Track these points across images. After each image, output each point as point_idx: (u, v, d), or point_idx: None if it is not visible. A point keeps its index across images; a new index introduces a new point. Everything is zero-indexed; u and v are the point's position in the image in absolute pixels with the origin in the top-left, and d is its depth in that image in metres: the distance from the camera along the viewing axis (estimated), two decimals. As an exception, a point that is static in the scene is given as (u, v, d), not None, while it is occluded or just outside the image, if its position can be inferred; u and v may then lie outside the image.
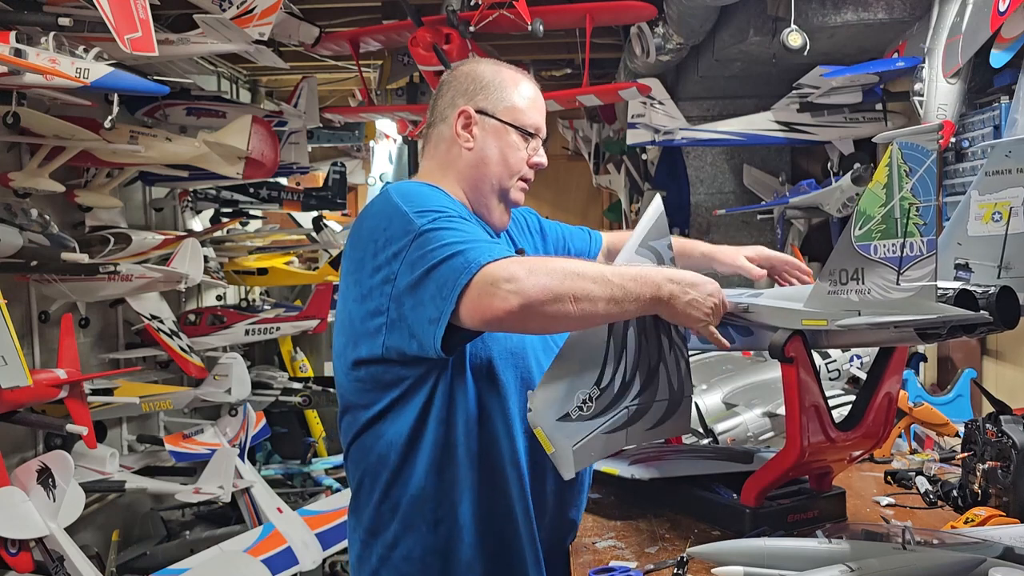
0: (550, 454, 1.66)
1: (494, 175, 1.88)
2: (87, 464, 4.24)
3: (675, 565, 1.74)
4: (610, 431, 1.71)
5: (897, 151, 1.45)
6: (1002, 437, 1.97)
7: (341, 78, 6.83)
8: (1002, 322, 1.53)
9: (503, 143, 1.88)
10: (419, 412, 1.76)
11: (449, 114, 1.89)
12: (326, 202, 6.64)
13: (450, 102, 1.90)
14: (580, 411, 1.68)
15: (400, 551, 1.80)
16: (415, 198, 1.73)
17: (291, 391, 6.30)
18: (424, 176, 1.94)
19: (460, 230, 1.64)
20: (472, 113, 1.87)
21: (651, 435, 1.82)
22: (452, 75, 1.95)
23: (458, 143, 1.88)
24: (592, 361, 1.70)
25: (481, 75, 1.90)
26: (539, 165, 1.92)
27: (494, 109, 1.87)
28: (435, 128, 1.94)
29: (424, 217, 1.66)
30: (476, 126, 1.87)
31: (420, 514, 1.78)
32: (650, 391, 1.77)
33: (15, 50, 3.14)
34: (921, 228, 1.46)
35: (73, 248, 3.92)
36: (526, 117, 1.89)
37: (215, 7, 3.76)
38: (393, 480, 1.79)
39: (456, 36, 3.97)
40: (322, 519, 4.60)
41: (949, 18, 3.23)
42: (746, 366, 3.15)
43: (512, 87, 1.90)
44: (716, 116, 5.10)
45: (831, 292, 1.62)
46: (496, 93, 1.88)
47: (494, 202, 1.90)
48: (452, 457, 1.77)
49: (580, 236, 2.26)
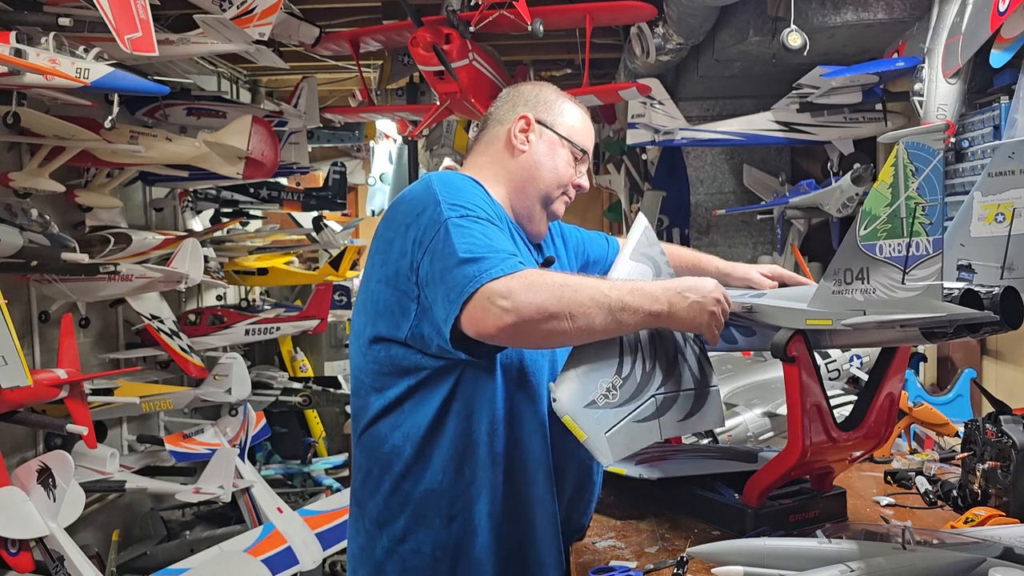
0: (583, 442, 1.61)
1: (543, 181, 1.92)
2: (87, 464, 4.23)
3: (675, 565, 1.74)
4: (641, 420, 1.68)
5: (903, 151, 1.45)
6: (1002, 437, 1.97)
7: (341, 78, 6.83)
8: (1006, 322, 1.54)
9: (556, 155, 1.93)
10: (439, 406, 1.75)
11: (508, 118, 1.95)
12: (326, 202, 6.64)
13: (511, 108, 1.96)
14: (606, 398, 1.65)
15: (409, 545, 1.78)
16: (453, 189, 1.74)
17: (291, 391, 6.31)
18: (470, 170, 1.96)
19: (483, 233, 1.65)
20: (532, 120, 1.93)
21: (685, 427, 1.80)
22: (516, 89, 2.03)
23: (513, 144, 1.92)
24: (608, 353, 1.69)
25: (545, 93, 1.99)
26: (581, 188, 1.99)
27: (553, 123, 1.94)
28: (489, 131, 1.98)
29: (455, 210, 1.67)
30: (533, 133, 1.93)
31: (434, 509, 1.77)
32: (673, 380, 1.76)
33: (15, 50, 3.14)
34: (927, 227, 1.46)
35: (73, 248, 3.92)
36: (580, 138, 1.96)
37: (215, 7, 3.76)
38: (406, 473, 1.78)
39: (456, 36, 3.96)
40: (322, 519, 4.60)
41: (949, 18, 3.23)
42: (746, 366, 3.15)
43: (571, 111, 1.98)
44: (716, 116, 5.10)
45: (836, 292, 1.62)
46: (556, 110, 1.96)
47: (537, 208, 1.93)
48: (472, 455, 1.76)
49: (598, 242, 2.26)
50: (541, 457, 1.81)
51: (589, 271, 2.17)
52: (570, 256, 2.14)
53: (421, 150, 7.33)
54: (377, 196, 9.00)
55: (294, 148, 5.29)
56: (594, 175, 7.56)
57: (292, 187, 6.68)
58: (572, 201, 2.00)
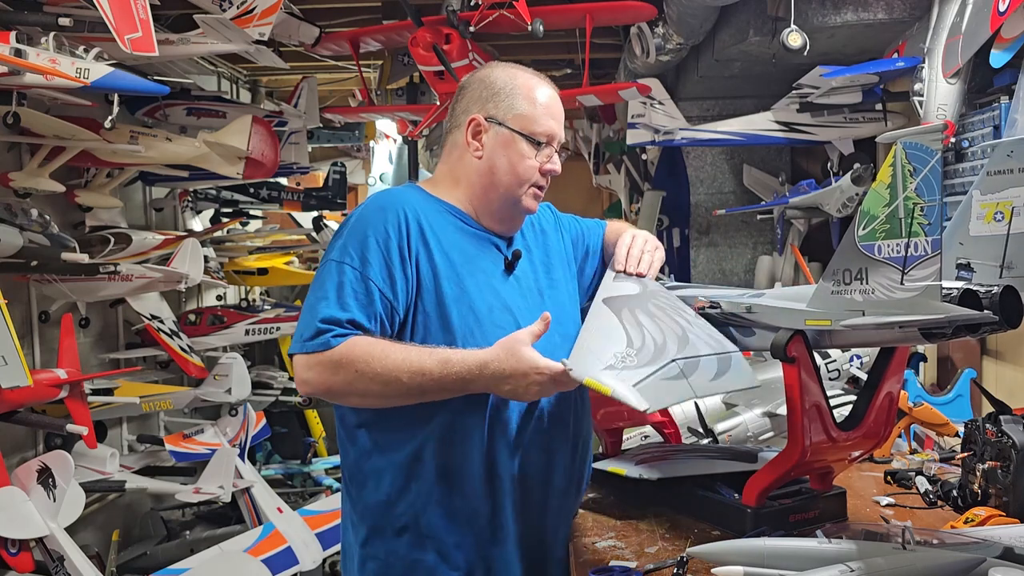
0: (611, 394, 1.53)
1: (502, 184, 1.89)
2: (87, 464, 4.24)
3: (675, 565, 1.73)
4: (668, 378, 1.61)
5: (901, 151, 1.45)
6: (1002, 437, 1.97)
7: (341, 78, 6.83)
8: (1006, 321, 1.53)
9: (511, 152, 1.88)
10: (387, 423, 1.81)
11: (462, 121, 1.92)
12: (326, 202, 6.64)
13: (464, 109, 1.92)
14: (624, 363, 1.60)
15: (369, 550, 1.86)
16: (358, 226, 1.81)
17: (291, 391, 6.31)
18: (437, 181, 1.98)
19: (345, 287, 1.73)
20: (482, 121, 1.88)
21: (718, 386, 1.73)
22: (468, 80, 1.97)
23: (468, 151, 1.90)
24: (615, 334, 1.68)
25: (494, 81, 1.91)
26: (551, 172, 1.92)
27: (503, 117, 1.88)
28: (451, 135, 1.96)
29: (343, 253, 1.77)
30: (486, 134, 1.89)
31: (386, 519, 1.83)
32: (690, 348, 1.71)
33: (15, 50, 3.14)
34: (925, 228, 1.46)
35: (73, 248, 3.92)
36: (537, 125, 1.89)
37: (215, 7, 3.76)
38: (364, 481, 1.85)
39: (456, 36, 3.96)
40: (322, 519, 4.60)
41: (949, 18, 3.23)
42: (746, 366, 3.15)
43: (524, 94, 1.89)
44: (716, 116, 5.10)
45: (835, 292, 1.62)
46: (507, 100, 1.89)
47: (504, 209, 1.92)
48: (420, 472, 1.81)
49: (596, 231, 2.22)
50: (484, 470, 1.82)
51: (590, 261, 2.15)
52: (567, 247, 2.11)
53: (421, 150, 7.33)
54: (377, 196, 8.98)
55: (294, 148, 5.29)
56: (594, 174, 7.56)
57: (292, 187, 6.68)
58: (546, 188, 1.94)
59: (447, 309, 1.78)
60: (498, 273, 1.90)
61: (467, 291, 1.81)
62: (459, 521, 1.82)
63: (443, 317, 1.78)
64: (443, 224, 1.86)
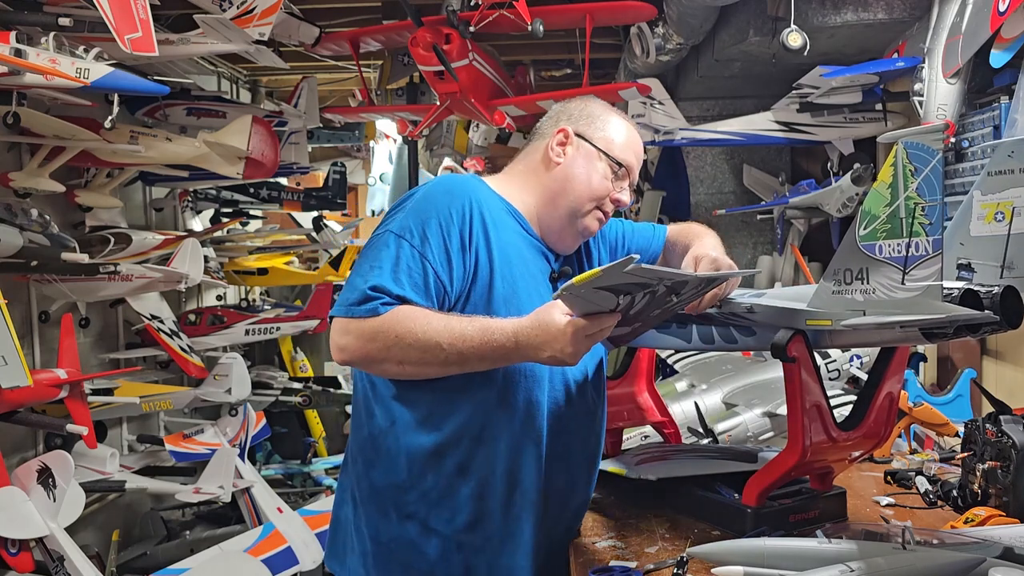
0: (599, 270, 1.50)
1: (574, 193, 1.92)
2: (87, 464, 4.24)
3: (675, 565, 1.73)
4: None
5: (902, 151, 1.45)
6: (1002, 437, 1.97)
7: (341, 78, 6.83)
8: (1007, 322, 1.53)
9: (591, 167, 1.93)
10: (420, 405, 1.80)
11: (549, 131, 1.97)
12: (326, 202, 6.64)
13: (554, 123, 1.99)
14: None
15: (369, 531, 1.87)
16: (422, 204, 1.80)
17: (291, 391, 6.31)
18: (505, 180, 1.99)
19: (401, 262, 1.72)
20: (570, 133, 1.94)
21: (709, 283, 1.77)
22: (564, 104, 2.04)
23: (549, 156, 1.94)
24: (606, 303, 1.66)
25: (590, 108, 2.00)
26: (620, 203, 1.97)
27: (592, 136, 1.94)
28: (532, 143, 2.01)
29: (402, 227, 1.76)
30: (571, 145, 1.94)
31: (393, 503, 1.83)
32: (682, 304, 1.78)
33: (15, 50, 3.14)
34: (927, 228, 1.46)
35: (73, 248, 3.92)
36: (620, 152, 1.95)
37: (215, 7, 3.76)
38: (374, 460, 1.86)
39: (456, 36, 3.96)
40: (322, 519, 4.59)
41: (949, 18, 3.23)
42: (746, 366, 3.16)
43: (615, 124, 1.98)
44: (716, 116, 5.10)
45: (835, 292, 1.62)
46: (598, 123, 1.96)
47: (565, 223, 1.94)
48: (439, 465, 1.80)
49: (643, 232, 2.21)
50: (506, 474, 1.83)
51: None
52: (603, 253, 2.12)
53: (421, 150, 7.32)
54: (377, 196, 8.99)
55: (294, 148, 5.29)
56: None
57: (292, 187, 6.68)
58: (608, 217, 1.98)
59: (495, 307, 1.79)
60: (545, 282, 1.93)
61: (518, 293, 1.83)
62: (470, 523, 1.82)
63: (490, 314, 1.77)
64: (504, 222, 1.88)
